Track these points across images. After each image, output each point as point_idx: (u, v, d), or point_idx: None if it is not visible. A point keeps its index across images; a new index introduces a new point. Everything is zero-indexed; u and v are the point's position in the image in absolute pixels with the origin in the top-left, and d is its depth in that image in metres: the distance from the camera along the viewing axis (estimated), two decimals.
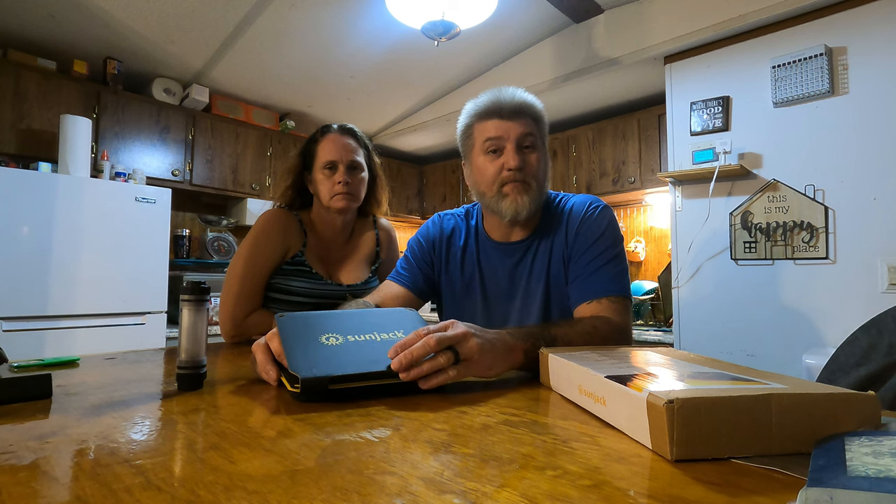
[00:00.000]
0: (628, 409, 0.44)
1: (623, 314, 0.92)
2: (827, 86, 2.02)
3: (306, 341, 0.65)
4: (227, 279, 1.25)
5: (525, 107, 0.98)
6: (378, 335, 0.70)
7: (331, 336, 0.67)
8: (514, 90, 1.00)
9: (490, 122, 0.98)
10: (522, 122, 0.97)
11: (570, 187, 3.33)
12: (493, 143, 0.97)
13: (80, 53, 2.77)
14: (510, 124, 0.97)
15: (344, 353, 0.64)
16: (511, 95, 0.99)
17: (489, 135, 0.97)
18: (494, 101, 0.98)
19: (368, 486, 0.33)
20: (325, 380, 0.57)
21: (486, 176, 0.99)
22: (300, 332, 0.67)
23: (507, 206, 0.97)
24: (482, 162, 0.99)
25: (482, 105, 1.00)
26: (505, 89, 1.00)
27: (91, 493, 0.32)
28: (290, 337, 0.66)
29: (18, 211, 2.26)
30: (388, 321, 0.74)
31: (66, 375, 0.70)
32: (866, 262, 1.93)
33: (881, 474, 0.28)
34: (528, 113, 0.98)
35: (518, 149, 0.97)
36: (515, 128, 0.96)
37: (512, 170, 0.95)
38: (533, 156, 0.98)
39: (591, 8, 2.63)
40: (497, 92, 1.00)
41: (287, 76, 3.12)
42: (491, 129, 0.98)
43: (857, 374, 0.73)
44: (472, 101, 1.03)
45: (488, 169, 0.98)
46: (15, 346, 2.15)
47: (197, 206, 3.45)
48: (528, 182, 0.97)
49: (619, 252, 0.98)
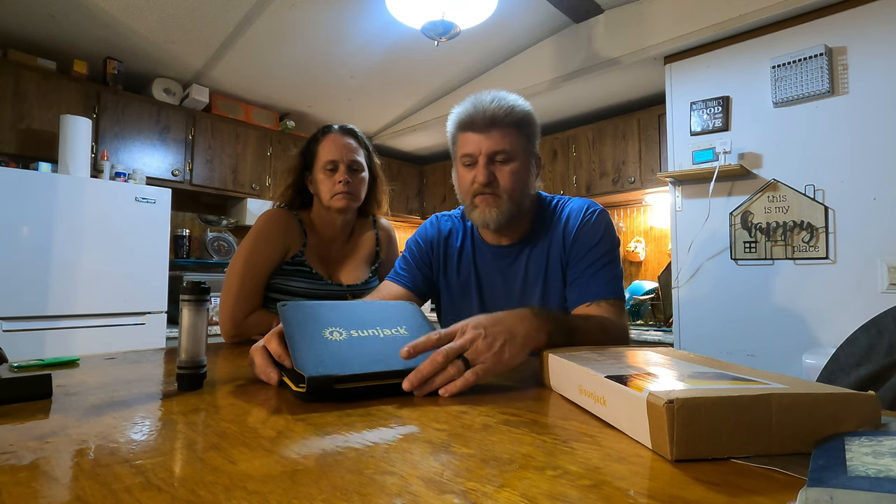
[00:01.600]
0: (628, 409, 0.44)
1: (621, 316, 0.95)
2: (827, 86, 2.02)
3: (311, 335, 0.65)
4: (226, 279, 1.25)
5: (500, 117, 0.95)
6: (381, 331, 0.69)
7: (334, 330, 0.67)
8: (492, 97, 0.97)
9: (465, 134, 0.98)
10: (496, 134, 0.95)
11: (569, 187, 3.33)
12: (468, 158, 0.98)
13: (80, 53, 2.77)
14: (481, 139, 0.96)
15: (348, 349, 0.64)
16: (486, 106, 0.96)
17: (464, 150, 0.99)
18: (469, 113, 0.97)
19: (368, 486, 0.33)
20: (332, 379, 0.57)
21: (462, 186, 1.01)
22: (303, 323, 0.67)
23: (477, 216, 1.00)
24: (461, 172, 1.01)
25: (460, 115, 1.00)
26: (483, 97, 0.98)
27: (91, 493, 0.32)
28: (293, 329, 0.65)
29: (18, 211, 2.26)
30: (390, 316, 0.74)
31: (66, 375, 0.70)
32: (866, 262, 1.93)
33: (881, 474, 0.28)
34: (504, 122, 0.96)
35: (490, 162, 0.96)
36: (486, 143, 0.96)
37: (481, 184, 0.96)
38: (506, 168, 0.97)
39: (591, 8, 2.63)
40: (476, 100, 0.98)
41: (287, 76, 3.12)
42: (465, 144, 0.98)
43: (857, 374, 0.73)
44: (455, 109, 1.02)
45: (464, 179, 1.00)
46: (15, 346, 2.15)
47: (197, 206, 3.45)
48: (498, 195, 0.97)
49: (615, 256, 1.00)
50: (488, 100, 0.97)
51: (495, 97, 0.98)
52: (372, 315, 0.73)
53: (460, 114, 1.00)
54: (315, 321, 0.68)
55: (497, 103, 0.96)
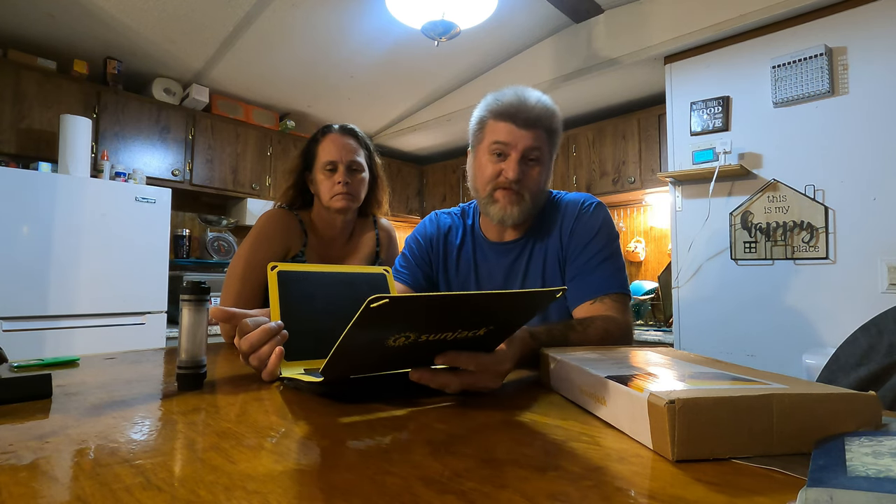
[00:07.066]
0: (629, 409, 0.44)
1: (624, 312, 0.92)
2: (827, 86, 2.02)
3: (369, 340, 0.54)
4: (227, 279, 1.25)
5: (542, 119, 0.95)
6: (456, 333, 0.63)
7: (399, 337, 0.55)
8: (538, 97, 0.97)
9: (503, 124, 0.96)
10: (534, 133, 0.95)
11: (570, 187, 3.33)
12: (500, 147, 0.96)
13: (80, 53, 2.77)
14: (521, 133, 0.94)
15: None
16: (533, 104, 0.95)
17: (498, 138, 0.96)
18: (513, 105, 0.95)
19: (368, 486, 0.33)
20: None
21: (484, 175, 0.99)
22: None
23: (496, 211, 0.98)
24: (485, 160, 0.98)
25: (501, 103, 0.97)
26: (530, 94, 0.97)
27: (91, 493, 0.32)
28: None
29: (18, 211, 2.26)
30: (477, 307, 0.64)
31: (66, 375, 0.70)
32: (866, 262, 1.93)
33: (881, 474, 0.28)
34: (543, 125, 0.96)
35: (522, 160, 0.95)
36: (525, 139, 0.94)
37: (509, 180, 0.95)
38: (535, 169, 0.97)
39: (591, 8, 2.63)
40: (521, 94, 0.97)
41: (287, 76, 3.12)
42: (501, 133, 0.96)
43: (858, 374, 0.73)
44: (493, 95, 1.00)
45: (488, 169, 0.98)
46: (15, 346, 2.15)
47: (197, 205, 3.44)
48: (521, 193, 0.96)
49: (615, 249, 0.98)
50: (534, 98, 0.96)
51: (540, 97, 0.97)
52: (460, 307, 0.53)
53: (501, 102, 0.97)
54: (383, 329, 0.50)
55: (542, 104, 0.96)
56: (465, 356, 0.58)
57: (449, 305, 0.53)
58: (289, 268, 0.76)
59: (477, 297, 0.56)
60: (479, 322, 0.54)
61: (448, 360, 0.57)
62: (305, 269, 0.79)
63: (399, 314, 0.49)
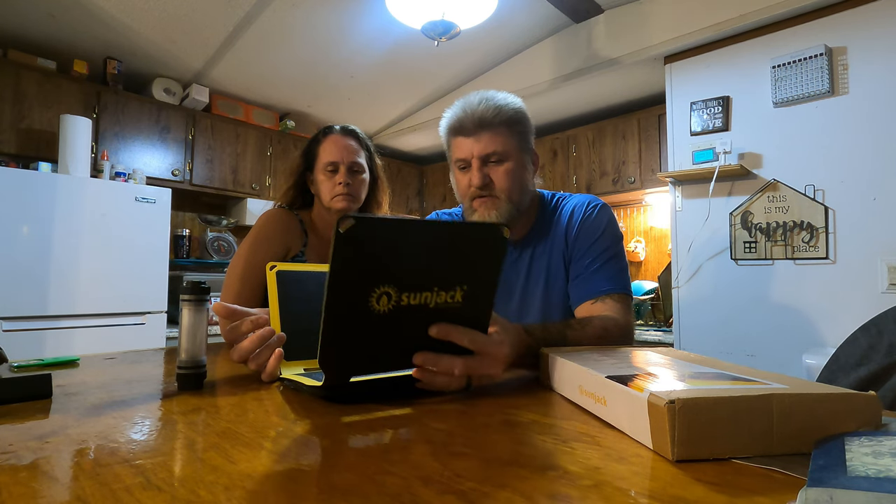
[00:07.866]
0: (629, 409, 0.44)
1: (625, 312, 0.92)
2: (827, 86, 2.02)
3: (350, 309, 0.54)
4: (227, 279, 1.25)
5: (488, 118, 0.94)
6: (436, 294, 0.61)
7: (382, 294, 0.56)
8: (479, 98, 0.96)
9: (457, 139, 0.98)
10: (487, 135, 0.94)
11: (570, 187, 3.33)
12: (461, 161, 0.98)
13: (80, 53, 2.77)
14: (472, 142, 0.95)
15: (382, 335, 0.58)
16: (473, 108, 0.95)
17: (457, 154, 0.98)
18: (458, 118, 0.97)
19: (368, 486, 0.33)
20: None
21: (460, 189, 1.01)
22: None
23: (477, 219, 0.99)
24: (457, 176, 1.01)
25: (450, 120, 0.99)
26: (470, 99, 0.97)
27: (91, 493, 0.32)
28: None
29: (18, 211, 2.26)
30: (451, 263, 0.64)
31: (66, 375, 0.70)
32: (866, 262, 1.93)
33: (881, 474, 0.28)
34: (493, 123, 0.94)
35: (483, 164, 0.96)
36: (477, 146, 0.95)
37: (476, 187, 0.96)
38: (500, 169, 0.96)
39: (591, 8, 2.63)
40: (463, 104, 0.97)
41: (287, 76, 3.12)
42: (458, 148, 0.98)
43: (857, 374, 0.73)
44: (445, 113, 1.01)
45: (461, 183, 1.00)
46: (15, 346, 2.15)
47: (197, 205, 3.45)
48: (496, 196, 0.96)
49: (619, 250, 0.99)
50: (476, 101, 0.96)
51: (482, 98, 0.96)
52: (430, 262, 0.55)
53: (450, 118, 0.99)
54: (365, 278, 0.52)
55: (485, 104, 0.95)
56: (460, 329, 0.58)
57: (410, 228, 0.54)
58: (288, 268, 0.76)
59: (431, 224, 0.59)
60: (449, 275, 0.56)
61: (442, 331, 0.57)
62: (305, 269, 0.78)
63: (370, 244, 0.50)
